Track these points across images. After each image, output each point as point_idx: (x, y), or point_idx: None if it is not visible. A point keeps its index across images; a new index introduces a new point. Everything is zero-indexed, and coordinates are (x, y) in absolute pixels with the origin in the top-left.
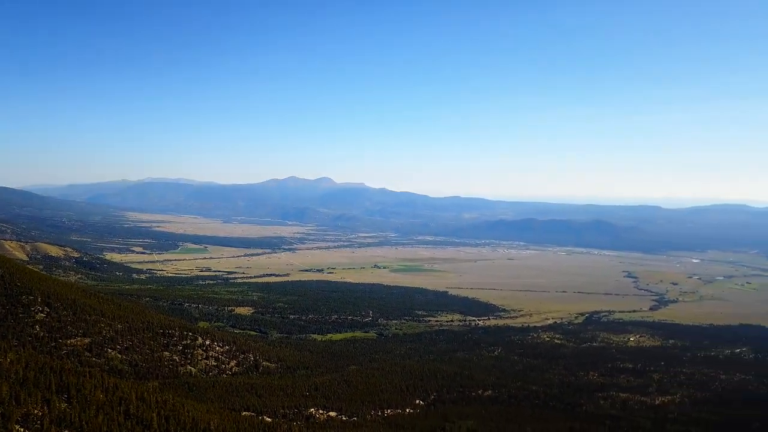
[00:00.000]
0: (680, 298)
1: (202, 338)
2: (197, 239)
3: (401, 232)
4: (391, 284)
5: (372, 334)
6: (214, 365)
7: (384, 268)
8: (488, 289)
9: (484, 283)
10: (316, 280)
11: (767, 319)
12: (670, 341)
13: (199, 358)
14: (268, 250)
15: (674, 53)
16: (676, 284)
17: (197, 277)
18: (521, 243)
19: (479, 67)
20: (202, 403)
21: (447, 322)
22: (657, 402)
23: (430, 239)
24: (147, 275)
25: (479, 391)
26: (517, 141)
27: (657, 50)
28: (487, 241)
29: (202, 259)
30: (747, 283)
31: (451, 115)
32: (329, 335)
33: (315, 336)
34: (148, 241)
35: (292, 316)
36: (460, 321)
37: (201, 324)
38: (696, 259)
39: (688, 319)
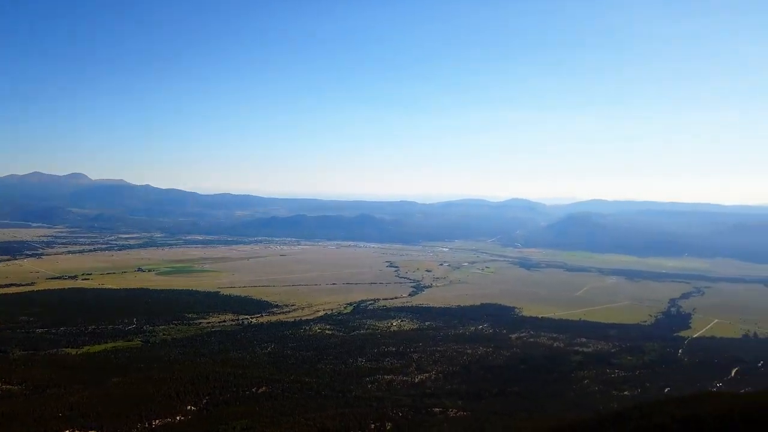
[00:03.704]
0: (434, 284)
1: None
2: None
3: (169, 231)
4: (158, 288)
5: (137, 341)
6: None
7: (149, 270)
8: (261, 287)
9: (257, 280)
10: (69, 288)
11: (502, 298)
12: (427, 323)
13: None
14: (7, 257)
15: (445, 58)
16: (430, 271)
17: None
18: (293, 239)
19: (242, 62)
20: None
21: (219, 322)
22: (416, 380)
23: (201, 238)
24: None
25: (254, 389)
26: (289, 141)
27: (426, 54)
28: (261, 239)
29: None
30: (486, 267)
31: (221, 107)
32: (86, 347)
33: (69, 350)
34: None
35: (39, 330)
36: (233, 320)
37: None
38: (446, 248)
39: (441, 302)
